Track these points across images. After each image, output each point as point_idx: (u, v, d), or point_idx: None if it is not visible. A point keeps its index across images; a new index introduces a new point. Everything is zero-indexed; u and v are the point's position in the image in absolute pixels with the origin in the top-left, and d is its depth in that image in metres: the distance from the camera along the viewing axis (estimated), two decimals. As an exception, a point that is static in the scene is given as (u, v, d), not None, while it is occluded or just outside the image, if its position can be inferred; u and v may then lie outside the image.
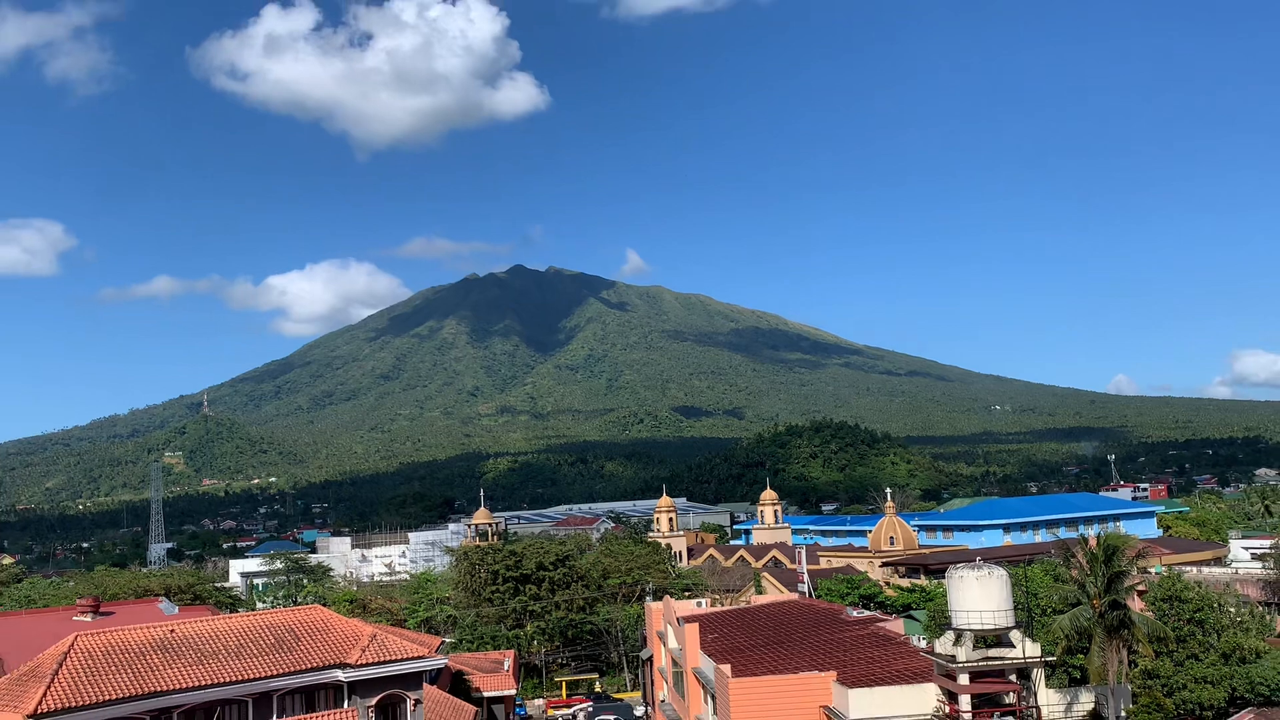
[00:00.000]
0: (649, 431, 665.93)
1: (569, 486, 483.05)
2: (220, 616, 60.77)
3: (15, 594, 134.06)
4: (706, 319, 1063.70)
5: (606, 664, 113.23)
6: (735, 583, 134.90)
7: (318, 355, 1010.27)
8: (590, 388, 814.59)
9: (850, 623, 68.29)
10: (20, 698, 42.87)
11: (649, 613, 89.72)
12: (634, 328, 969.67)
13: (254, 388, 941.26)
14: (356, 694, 49.92)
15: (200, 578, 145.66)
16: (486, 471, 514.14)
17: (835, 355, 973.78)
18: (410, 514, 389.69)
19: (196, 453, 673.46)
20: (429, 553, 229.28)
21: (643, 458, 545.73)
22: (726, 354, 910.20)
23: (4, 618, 78.46)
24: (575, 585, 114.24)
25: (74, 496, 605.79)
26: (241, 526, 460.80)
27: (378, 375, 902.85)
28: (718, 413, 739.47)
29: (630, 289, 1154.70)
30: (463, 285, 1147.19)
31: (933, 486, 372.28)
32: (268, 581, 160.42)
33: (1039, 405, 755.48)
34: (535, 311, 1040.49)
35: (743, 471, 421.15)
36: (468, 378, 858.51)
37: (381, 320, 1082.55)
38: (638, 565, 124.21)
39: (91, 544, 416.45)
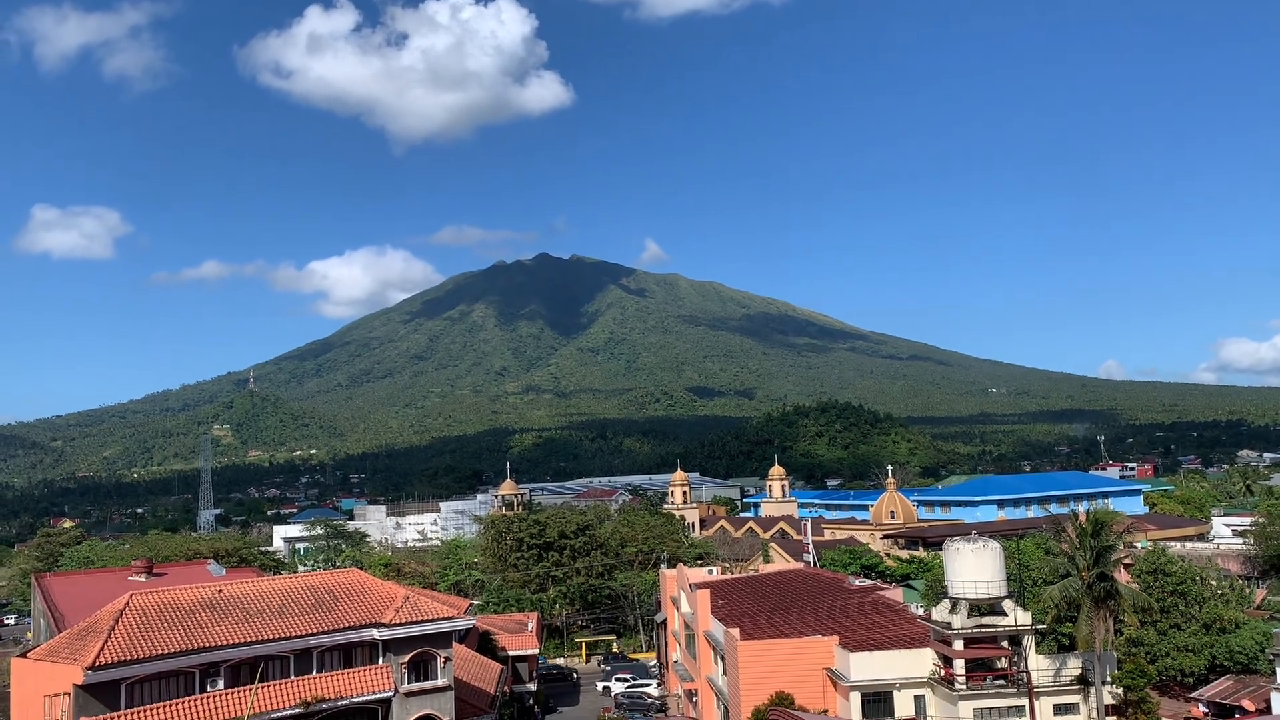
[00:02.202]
0: (665, 410, 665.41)
1: (589, 461, 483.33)
2: (264, 578, 61.28)
3: (75, 555, 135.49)
4: (720, 305, 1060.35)
5: (623, 626, 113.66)
6: (744, 552, 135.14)
7: (356, 336, 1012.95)
8: (610, 369, 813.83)
9: (852, 591, 68.29)
10: (80, 651, 43.38)
11: (663, 579, 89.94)
12: (651, 313, 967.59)
13: (297, 366, 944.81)
14: (390, 651, 50.31)
15: (246, 542, 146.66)
16: (512, 446, 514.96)
17: (841, 340, 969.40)
18: (441, 485, 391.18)
19: (243, 426, 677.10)
20: (459, 521, 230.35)
21: (659, 434, 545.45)
22: (738, 338, 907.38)
23: (65, 577, 79.16)
24: (595, 553, 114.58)
25: (129, 465, 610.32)
26: (284, 495, 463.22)
27: (412, 355, 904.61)
28: (729, 393, 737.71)
29: (648, 276, 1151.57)
30: (491, 271, 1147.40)
31: (932, 464, 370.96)
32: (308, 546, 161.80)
33: (1033, 388, 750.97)
34: (559, 297, 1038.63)
35: (752, 449, 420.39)
36: (495, 358, 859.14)
37: (415, 304, 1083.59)
38: (653, 535, 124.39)
39: (145, 510, 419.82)
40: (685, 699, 72.81)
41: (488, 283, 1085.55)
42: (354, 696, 48.50)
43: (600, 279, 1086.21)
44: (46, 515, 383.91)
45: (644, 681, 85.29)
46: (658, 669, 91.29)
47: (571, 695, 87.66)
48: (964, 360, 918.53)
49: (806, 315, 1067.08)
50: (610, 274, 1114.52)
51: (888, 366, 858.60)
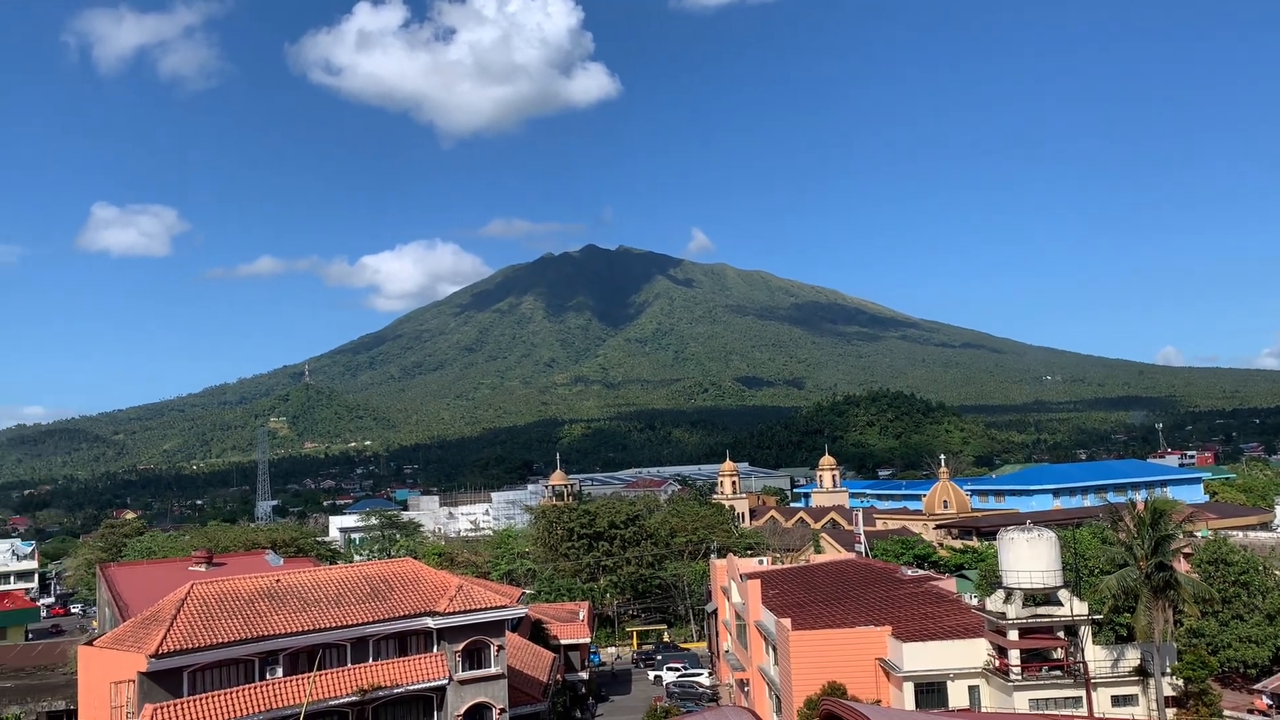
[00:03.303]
0: (713, 400, 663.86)
1: (638, 451, 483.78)
2: (321, 568, 62.15)
3: (137, 546, 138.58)
4: (768, 294, 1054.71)
5: (674, 616, 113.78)
6: (795, 543, 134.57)
7: (408, 329, 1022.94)
8: (658, 359, 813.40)
9: (905, 581, 67.76)
10: (143, 639, 44.33)
11: (713, 569, 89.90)
12: (699, 303, 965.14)
13: (350, 359, 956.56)
14: (445, 639, 50.80)
15: (303, 532, 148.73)
16: (562, 437, 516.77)
17: (892, 328, 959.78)
18: (492, 475, 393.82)
19: (299, 418, 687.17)
20: (510, 511, 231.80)
21: (707, 425, 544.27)
22: (787, 327, 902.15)
23: (128, 567, 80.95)
24: (644, 543, 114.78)
25: (189, 458, 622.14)
26: (340, 486, 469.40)
27: (462, 347, 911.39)
28: (779, 383, 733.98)
29: (695, 266, 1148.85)
30: (539, 264, 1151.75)
31: (985, 453, 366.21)
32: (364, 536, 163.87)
33: (1089, 376, 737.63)
34: (606, 288, 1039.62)
35: (802, 438, 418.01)
36: (544, 350, 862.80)
37: (465, 296, 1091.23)
38: (703, 525, 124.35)
39: (204, 501, 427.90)
40: (737, 688, 72.77)
41: (536, 275, 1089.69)
42: (409, 684, 49.08)
43: (647, 270, 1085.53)
44: (109, 507, 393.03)
45: (696, 671, 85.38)
46: (709, 658, 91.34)
47: (624, 684, 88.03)
48: (1018, 348, 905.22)
49: (856, 303, 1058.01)
50: (657, 264, 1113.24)
51: (940, 355, 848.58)
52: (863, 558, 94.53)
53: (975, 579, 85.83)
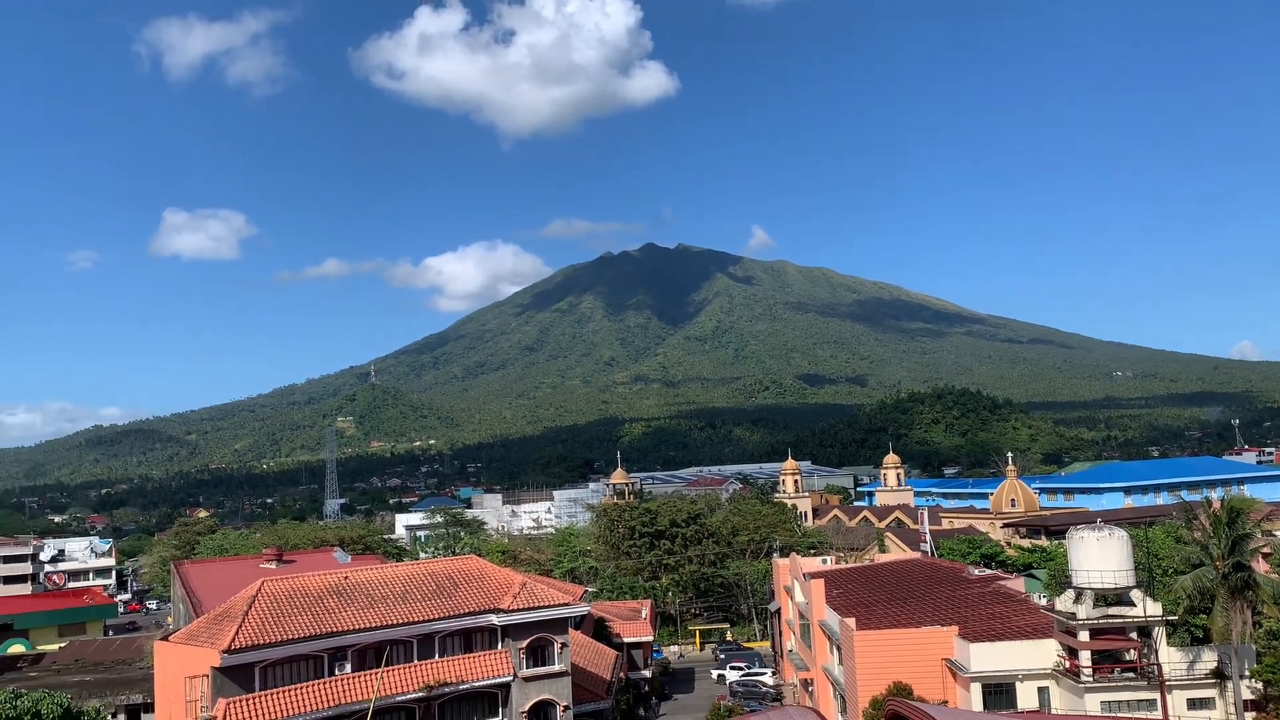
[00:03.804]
0: (774, 398, 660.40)
1: (699, 450, 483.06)
2: (388, 565, 63.05)
3: (210, 544, 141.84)
4: (829, 291, 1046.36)
5: (736, 615, 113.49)
6: (859, 542, 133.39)
7: (470, 329, 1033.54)
8: (718, 357, 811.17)
9: (972, 581, 66.80)
10: (216, 635, 45.38)
11: (776, 568, 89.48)
12: (759, 300, 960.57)
13: (414, 359, 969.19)
14: (509, 637, 51.25)
15: (370, 530, 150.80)
16: (622, 435, 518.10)
17: (957, 324, 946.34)
18: (554, 474, 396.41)
19: (365, 418, 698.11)
20: (571, 509, 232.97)
21: (768, 423, 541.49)
22: (849, 324, 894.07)
23: (201, 564, 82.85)
24: (706, 541, 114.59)
25: (259, 457, 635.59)
26: (405, 484, 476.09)
27: (523, 347, 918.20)
28: (841, 380, 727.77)
29: (755, 264, 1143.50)
30: (599, 263, 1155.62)
31: (1054, 451, 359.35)
32: (429, 534, 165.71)
33: (1161, 371, 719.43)
34: (666, 286, 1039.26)
35: (866, 436, 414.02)
36: (604, 349, 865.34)
37: (526, 297, 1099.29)
38: (765, 524, 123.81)
39: (274, 499, 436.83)
40: (801, 688, 72.36)
41: (595, 274, 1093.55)
42: (475, 681, 49.61)
43: (707, 267, 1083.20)
44: (183, 505, 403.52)
45: (759, 670, 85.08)
46: (772, 658, 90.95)
47: (687, 683, 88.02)
48: (1087, 343, 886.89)
49: (920, 299, 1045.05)
50: (717, 262, 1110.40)
51: (1007, 350, 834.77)
52: (928, 557, 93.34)
53: (1044, 579, 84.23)
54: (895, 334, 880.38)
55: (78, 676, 70.10)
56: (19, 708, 40.75)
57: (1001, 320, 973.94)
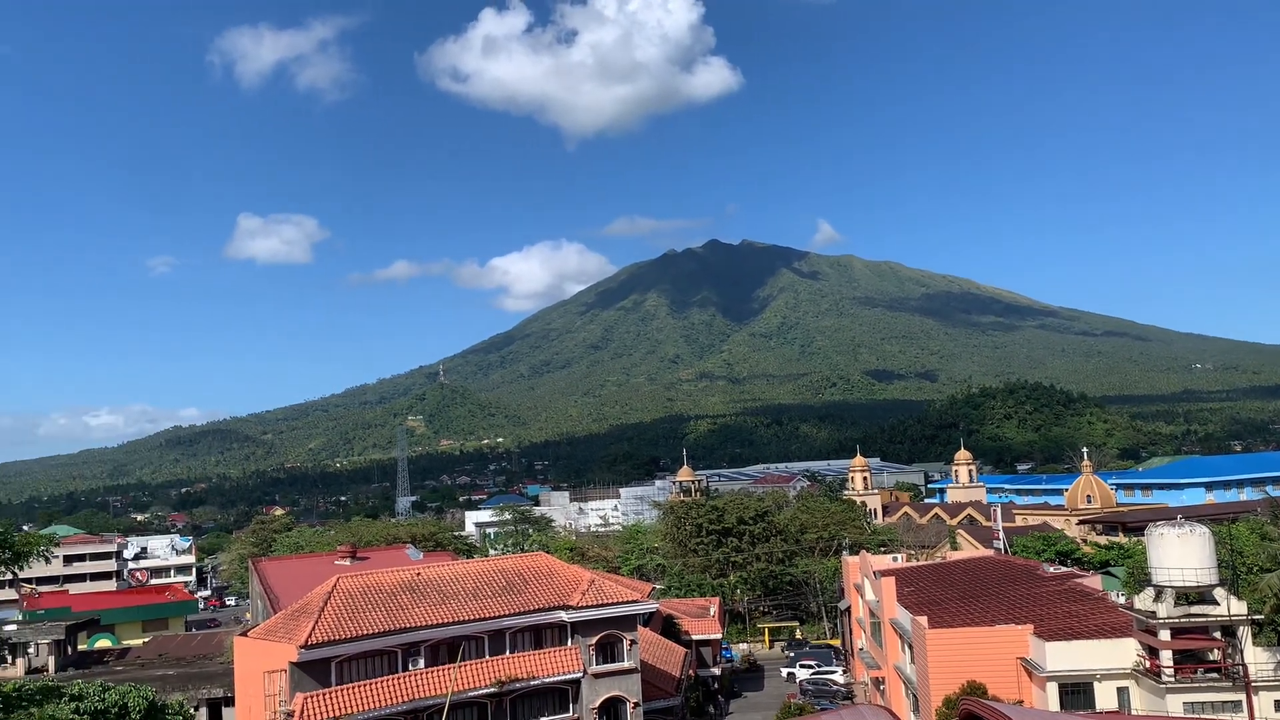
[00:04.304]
0: (842, 395, 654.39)
1: (765, 447, 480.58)
2: (459, 562, 63.90)
3: (286, 541, 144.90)
4: (897, 285, 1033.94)
5: (806, 613, 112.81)
6: (930, 539, 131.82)
7: (535, 328, 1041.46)
8: (784, 354, 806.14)
9: (1047, 578, 65.54)
10: (294, 631, 46.41)
11: (846, 566, 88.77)
12: (825, 295, 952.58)
13: (482, 358, 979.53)
14: (578, 633, 51.60)
15: (440, 527, 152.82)
16: (688, 433, 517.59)
17: (1029, 318, 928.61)
18: (620, 471, 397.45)
19: (435, 416, 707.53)
20: (638, 506, 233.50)
21: (836, 419, 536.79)
22: (918, 318, 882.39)
23: (278, 561, 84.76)
24: (774, 539, 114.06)
25: (332, 456, 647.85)
26: (474, 482, 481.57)
27: (588, 345, 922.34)
28: (910, 376, 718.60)
29: (821, 259, 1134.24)
30: (662, 260, 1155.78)
31: (1130, 446, 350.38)
32: (498, 531, 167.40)
33: (1243, 363, 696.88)
34: (730, 283, 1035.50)
35: (936, 432, 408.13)
36: (669, 346, 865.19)
37: (590, 295, 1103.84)
38: (833, 521, 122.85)
39: (348, 497, 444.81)
40: (872, 686, 71.72)
41: (659, 271, 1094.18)
42: (545, 677, 50.07)
43: (772, 263, 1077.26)
44: (260, 504, 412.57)
45: (829, 668, 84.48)
46: (843, 656, 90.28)
47: (756, 681, 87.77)
48: (1165, 335, 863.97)
49: (991, 292, 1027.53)
50: (782, 258, 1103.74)
51: (1081, 344, 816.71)
52: (1001, 554, 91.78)
53: (1122, 576, 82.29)
54: (966, 328, 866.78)
55: (161, 671, 72.27)
56: (107, 700, 42.13)
57: (1075, 313, 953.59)
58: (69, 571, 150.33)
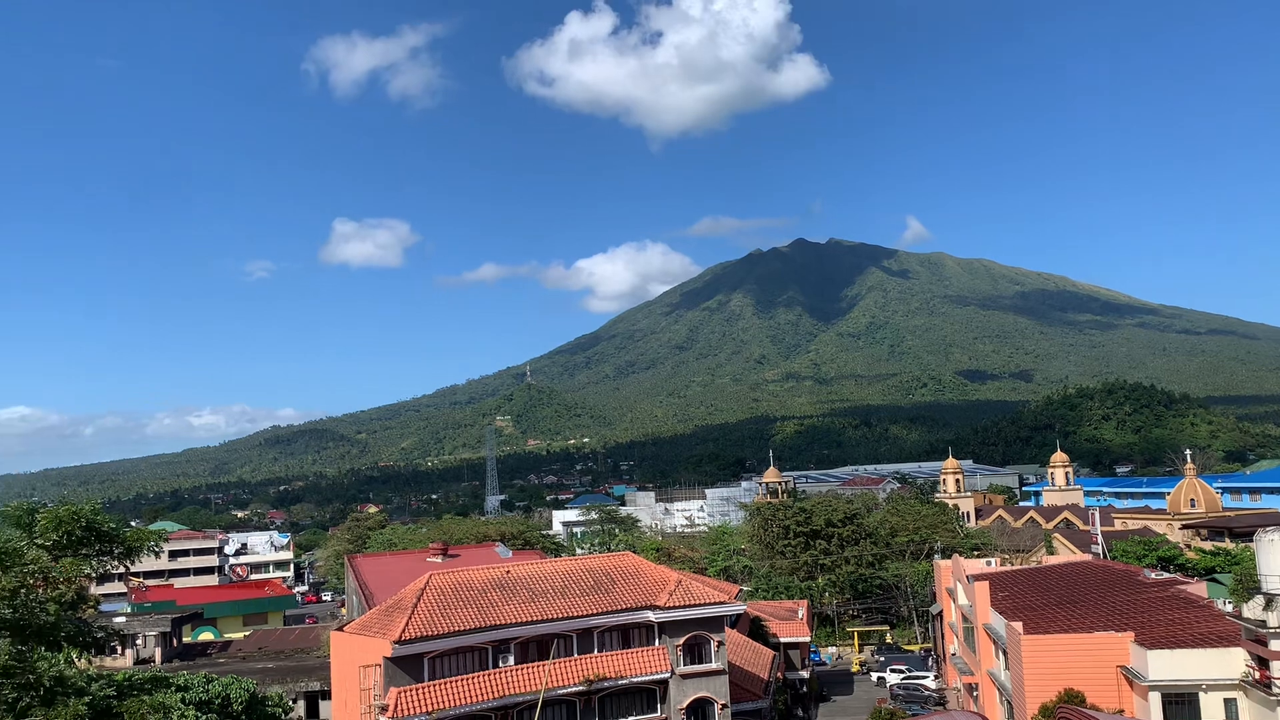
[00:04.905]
0: (933, 395, 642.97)
1: (853, 449, 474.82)
2: (547, 560, 64.55)
3: (380, 538, 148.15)
4: (990, 283, 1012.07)
5: (896, 617, 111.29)
6: (1025, 543, 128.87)
7: (621, 329, 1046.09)
8: (872, 354, 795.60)
9: (1148, 585, 63.53)
10: (388, 626, 47.44)
11: (938, 570, 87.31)
12: (915, 294, 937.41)
13: (568, 359, 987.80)
14: (666, 633, 51.70)
15: (528, 526, 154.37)
16: (774, 434, 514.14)
17: (1128, 315, 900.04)
18: (706, 472, 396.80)
19: (522, 417, 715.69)
20: (724, 508, 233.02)
21: (927, 421, 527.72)
22: (1012, 317, 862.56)
23: (372, 558, 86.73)
24: (863, 542, 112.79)
25: (424, 455, 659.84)
26: (561, 481, 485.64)
27: (673, 346, 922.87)
28: (1004, 376, 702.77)
29: (911, 256, 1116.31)
30: (748, 260, 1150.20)
31: (1237, 448, 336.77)
32: (584, 530, 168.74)
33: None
34: (817, 282, 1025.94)
35: (1031, 434, 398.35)
36: (754, 346, 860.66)
37: (675, 296, 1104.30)
38: (925, 524, 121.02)
39: (438, 495, 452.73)
40: (965, 692, 70.39)
41: (745, 271, 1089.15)
42: (633, 676, 50.27)
43: (859, 262, 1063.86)
44: (354, 501, 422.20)
45: (920, 673, 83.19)
46: (934, 661, 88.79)
47: (845, 684, 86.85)
48: (1274, 333, 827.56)
49: (1088, 290, 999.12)
50: (870, 256, 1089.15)
51: (1183, 342, 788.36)
52: (1100, 559, 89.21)
53: (1229, 584, 79.19)
54: (1062, 327, 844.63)
55: (261, 664, 74.58)
56: (211, 691, 43.68)
57: (1177, 310, 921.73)
58: (174, 566, 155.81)
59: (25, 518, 25.59)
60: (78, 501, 28.55)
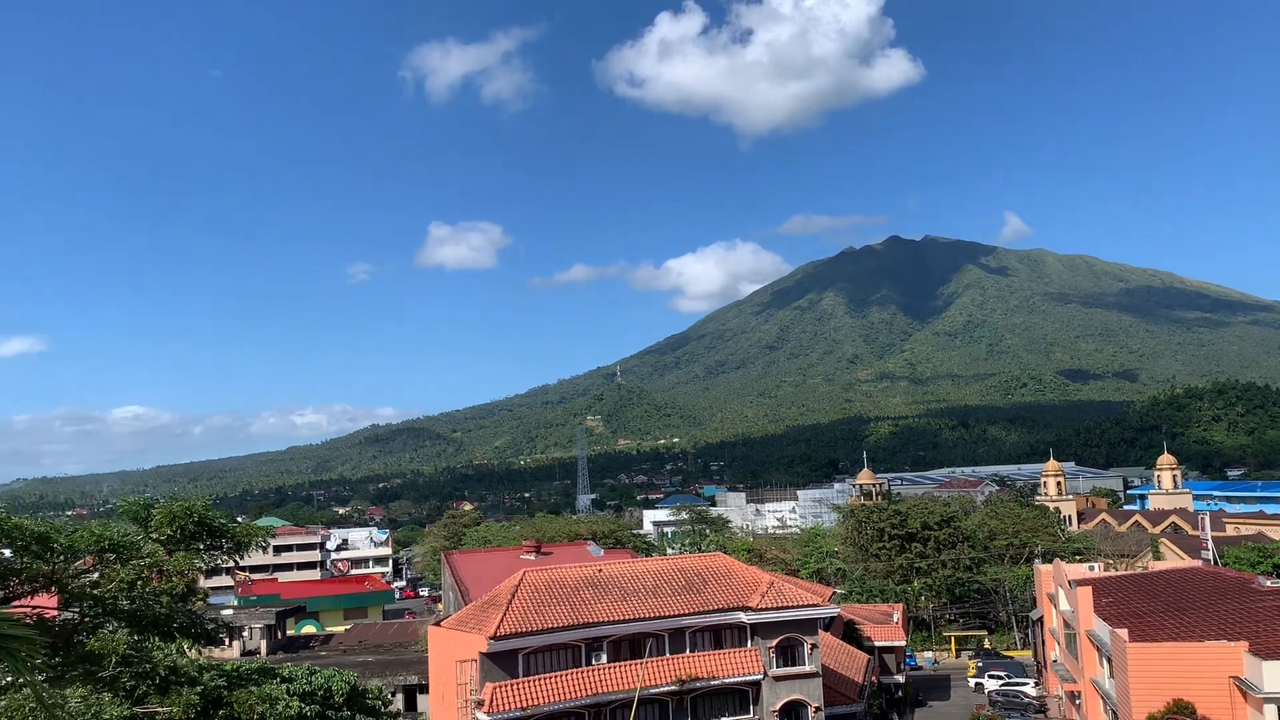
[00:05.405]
0: (1033, 396, 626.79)
1: (950, 450, 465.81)
2: (638, 560, 64.82)
3: (475, 535, 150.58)
4: (1092, 280, 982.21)
5: (995, 622, 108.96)
6: (1130, 548, 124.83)
7: (710, 329, 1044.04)
8: (969, 353, 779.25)
9: (1262, 592, 60.83)
10: (484, 622, 48.18)
11: (1038, 575, 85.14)
12: (1014, 292, 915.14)
13: (657, 359, 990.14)
14: (758, 635, 51.44)
15: (619, 525, 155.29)
16: (868, 435, 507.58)
17: (1239, 313, 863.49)
18: (797, 473, 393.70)
19: (612, 416, 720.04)
20: (816, 509, 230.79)
21: (1027, 422, 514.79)
22: (1115, 315, 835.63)
23: (468, 555, 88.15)
24: (961, 545, 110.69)
25: (516, 454, 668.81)
26: (651, 481, 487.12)
27: (764, 345, 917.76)
28: (1107, 375, 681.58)
29: (1009, 253, 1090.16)
30: (840, 258, 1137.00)
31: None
32: (675, 530, 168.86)
33: None
34: (911, 280, 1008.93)
35: (1136, 435, 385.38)
36: (847, 346, 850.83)
37: (765, 295, 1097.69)
38: (1025, 528, 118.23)
39: (531, 494, 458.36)
40: (1067, 700, 68.48)
41: (837, 270, 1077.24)
42: (725, 677, 50.12)
43: (956, 259, 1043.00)
44: (450, 499, 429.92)
45: (1020, 680, 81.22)
46: (1035, 668, 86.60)
47: (942, 689, 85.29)
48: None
49: (1197, 286, 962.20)
50: (966, 253, 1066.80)
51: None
52: (1210, 566, 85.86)
53: (1353, 594, 75.47)
54: (1168, 325, 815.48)
55: (361, 657, 76.50)
56: (314, 683, 44.87)
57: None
58: (278, 561, 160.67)
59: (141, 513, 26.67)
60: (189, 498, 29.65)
